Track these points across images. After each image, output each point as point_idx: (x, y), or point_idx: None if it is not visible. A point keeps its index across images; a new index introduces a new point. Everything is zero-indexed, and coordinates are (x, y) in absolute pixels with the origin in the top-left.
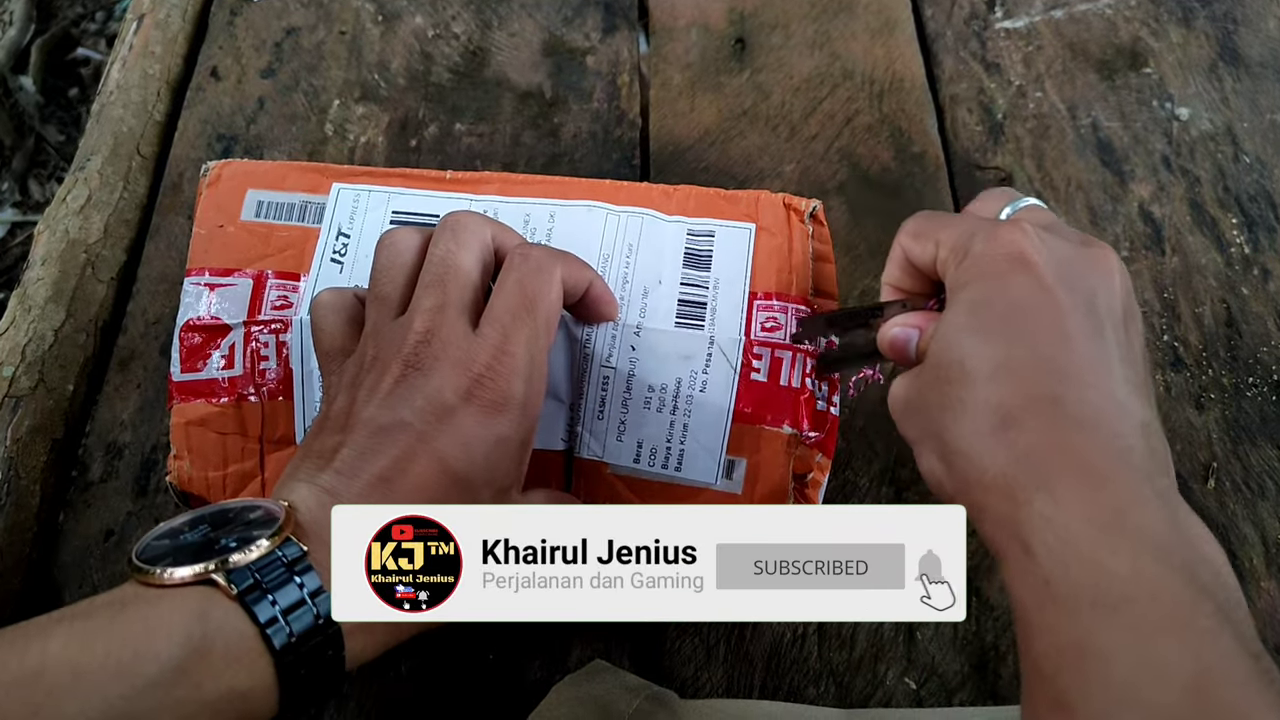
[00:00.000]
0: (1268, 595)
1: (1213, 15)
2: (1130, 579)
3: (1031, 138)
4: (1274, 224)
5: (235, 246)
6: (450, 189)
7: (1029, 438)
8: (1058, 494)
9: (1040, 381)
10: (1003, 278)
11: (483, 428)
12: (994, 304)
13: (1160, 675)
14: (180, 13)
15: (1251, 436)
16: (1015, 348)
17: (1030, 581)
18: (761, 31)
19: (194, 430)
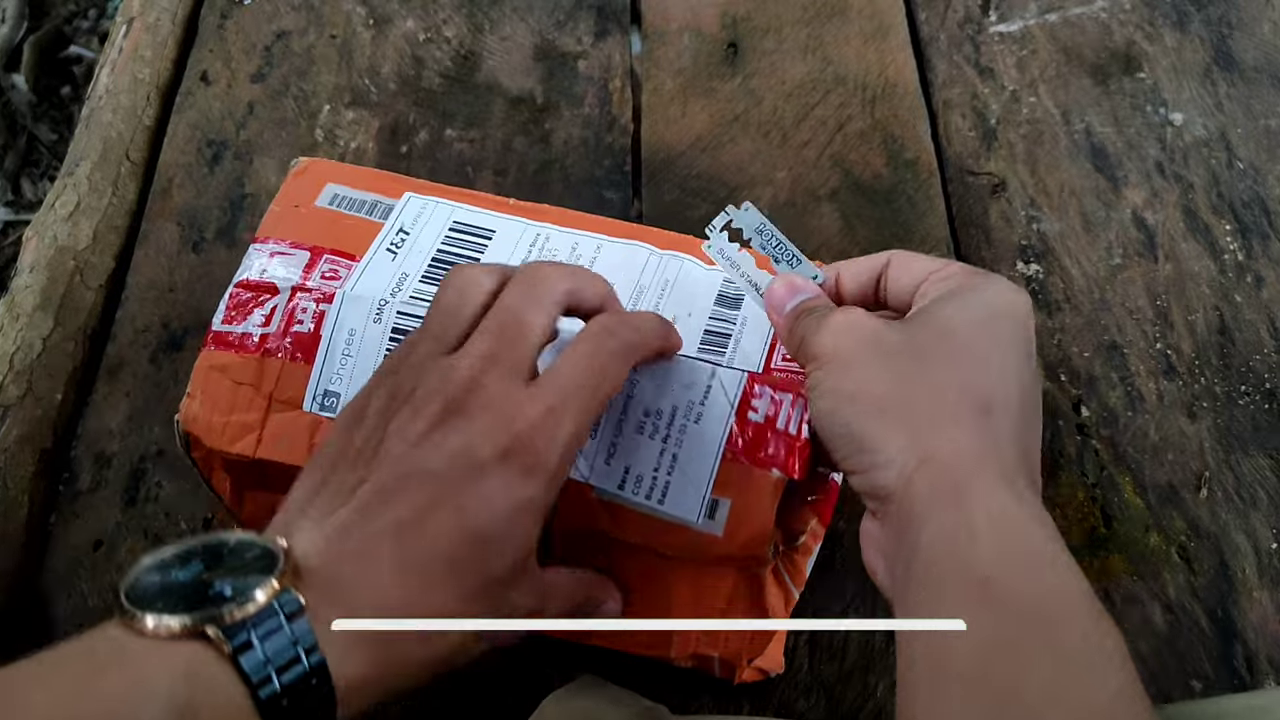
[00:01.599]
0: (1260, 605)
1: (1207, 19)
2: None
3: (1025, 143)
4: (1268, 231)
5: (304, 225)
6: (511, 212)
7: (1000, 429)
8: (1015, 492)
9: (1017, 395)
10: (1010, 302)
11: (511, 490)
12: (1006, 316)
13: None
14: (170, 16)
15: (1244, 445)
16: (1007, 355)
17: (966, 571)
18: (754, 36)
19: (213, 375)
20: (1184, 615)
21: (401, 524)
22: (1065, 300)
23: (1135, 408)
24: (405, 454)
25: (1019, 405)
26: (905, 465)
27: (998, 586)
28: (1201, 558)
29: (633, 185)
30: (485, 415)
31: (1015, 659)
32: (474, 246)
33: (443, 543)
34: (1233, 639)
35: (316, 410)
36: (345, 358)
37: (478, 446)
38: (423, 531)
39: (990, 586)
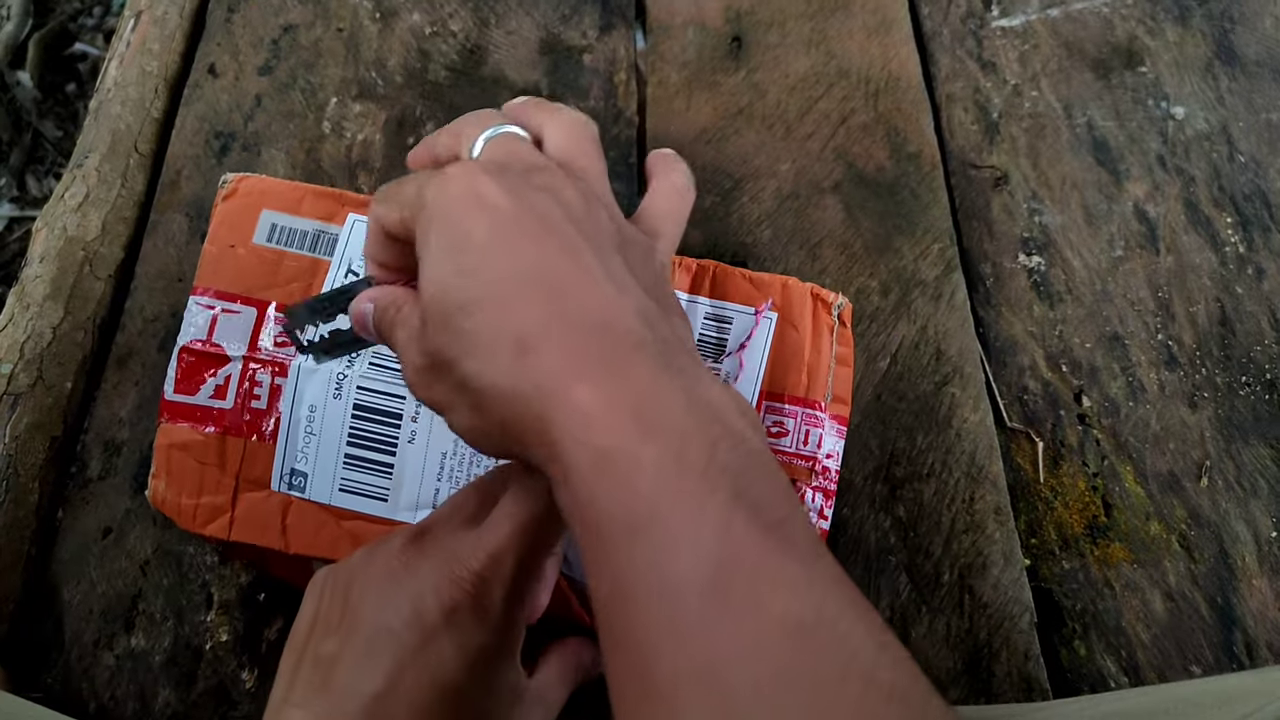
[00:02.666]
0: (1260, 592)
1: (1209, 14)
2: (652, 493)
3: (1027, 137)
4: (1269, 223)
5: (244, 271)
6: None
7: (548, 358)
8: (583, 404)
9: (537, 302)
10: (462, 220)
11: (465, 647)
12: (464, 245)
13: (680, 597)
14: (178, 9)
15: (1244, 435)
16: (500, 278)
17: (579, 515)
18: (758, 30)
19: (175, 454)
20: (1184, 603)
21: (379, 696)
22: (1067, 292)
23: (1137, 398)
24: (370, 613)
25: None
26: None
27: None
28: (1202, 546)
29: (638, 178)
30: (432, 561)
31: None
32: None
33: (418, 704)
34: (1233, 626)
35: (285, 490)
36: (309, 436)
37: (427, 607)
38: (399, 700)
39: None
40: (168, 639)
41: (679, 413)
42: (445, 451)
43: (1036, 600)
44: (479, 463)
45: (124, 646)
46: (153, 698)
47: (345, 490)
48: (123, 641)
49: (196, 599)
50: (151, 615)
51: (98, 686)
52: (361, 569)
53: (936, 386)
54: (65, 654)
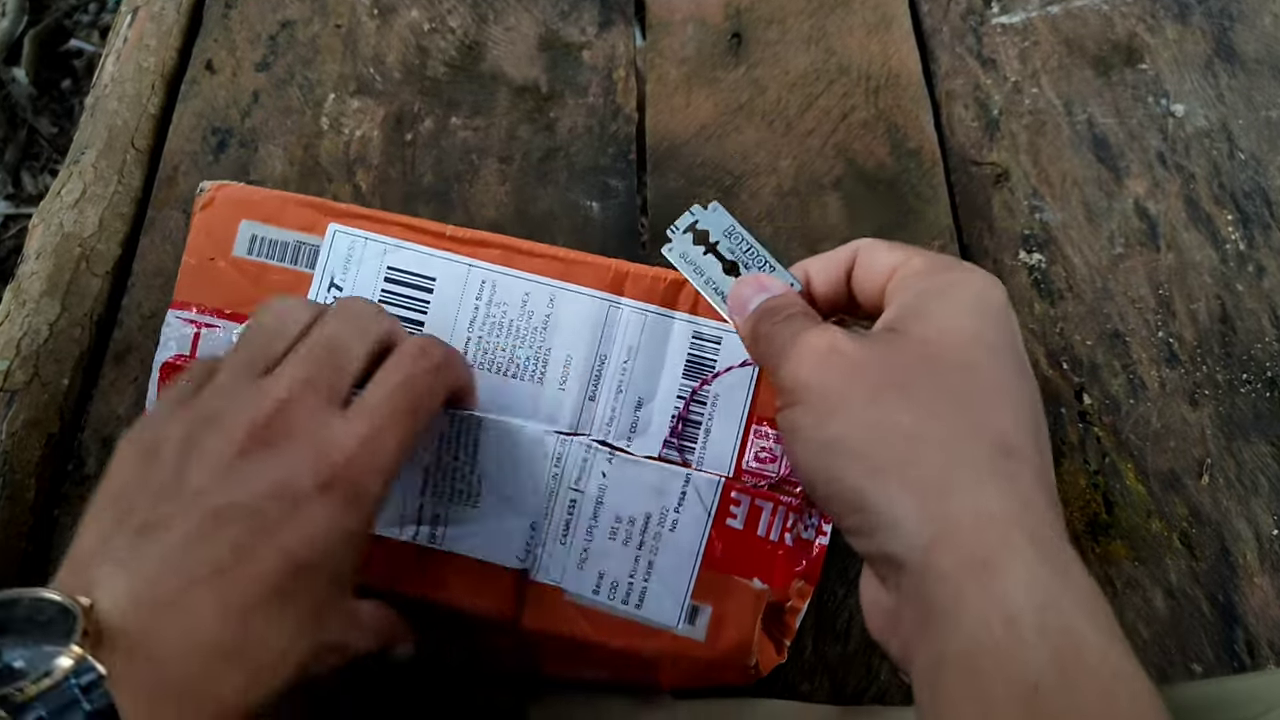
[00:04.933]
0: (1261, 591)
1: (1209, 11)
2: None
3: (1027, 134)
4: (1269, 221)
5: (225, 285)
6: (450, 247)
7: (1025, 473)
8: (1054, 562)
9: (1031, 418)
10: (991, 300)
11: (335, 522)
12: (992, 318)
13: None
14: (175, 5)
15: (1245, 433)
16: (1021, 372)
17: (1011, 675)
18: (758, 26)
19: None
20: (1185, 601)
21: (220, 566)
22: (1068, 289)
23: (1137, 395)
24: (215, 486)
25: (1035, 431)
26: (917, 535)
27: (1050, 699)
28: (1203, 544)
29: (637, 174)
30: (301, 444)
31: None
32: (415, 303)
33: (269, 580)
34: (1234, 624)
35: None
36: None
37: (297, 479)
38: (244, 572)
39: (1041, 697)
40: None
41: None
42: (428, 465)
43: None
44: (461, 476)
45: None
46: None
47: None
48: None
49: None
50: None
51: None
52: (194, 444)
53: None
54: None
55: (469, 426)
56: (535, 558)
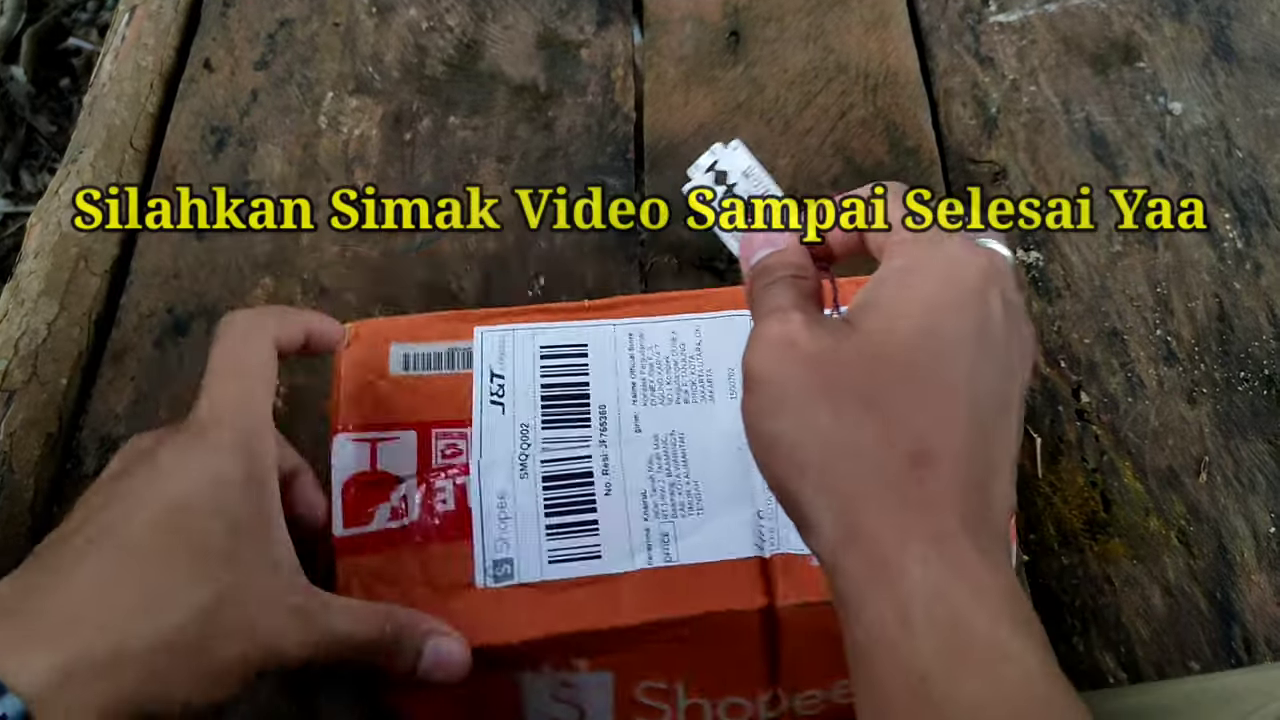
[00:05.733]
0: (1258, 588)
1: (1206, 9)
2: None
3: (1025, 132)
4: (1266, 219)
5: (390, 401)
6: (590, 316)
7: (942, 479)
8: (953, 560)
9: (965, 422)
10: (957, 278)
11: (202, 459)
12: (950, 305)
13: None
14: (173, 3)
15: (1243, 431)
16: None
17: (902, 666)
18: (756, 24)
19: (374, 584)
20: (1183, 598)
21: (89, 520)
22: (1066, 287)
23: (1135, 393)
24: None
25: (967, 435)
26: (830, 536)
27: (936, 686)
28: (1201, 541)
29: (635, 173)
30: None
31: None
32: (575, 370)
33: (142, 522)
34: (1231, 622)
35: (491, 584)
36: (504, 521)
37: (156, 436)
38: (118, 520)
39: (929, 684)
40: None
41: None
42: (644, 491)
43: (1035, 596)
44: (679, 490)
45: None
46: None
47: (555, 561)
48: None
49: None
50: None
51: None
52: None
53: None
54: None
55: (672, 445)
56: (769, 538)
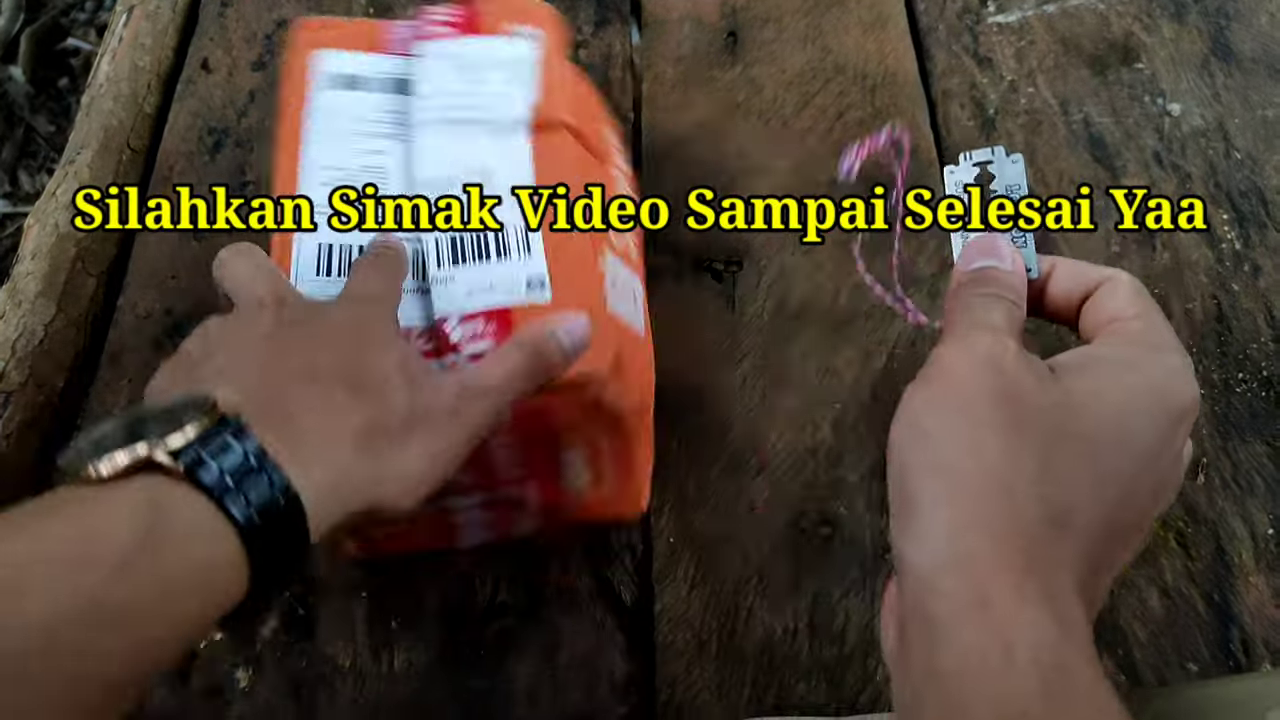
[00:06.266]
0: (1256, 590)
1: (1205, 10)
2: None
3: (1024, 133)
4: (1265, 220)
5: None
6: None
7: (1067, 546)
8: (1062, 618)
9: (1107, 513)
10: (1163, 398)
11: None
12: (1147, 415)
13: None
14: (170, 4)
15: (1241, 432)
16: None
17: (997, 699)
18: (754, 25)
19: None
20: (1181, 600)
21: (320, 352)
22: None
23: None
24: (303, 320)
25: (1106, 526)
26: (941, 553)
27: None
28: (1199, 543)
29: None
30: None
31: None
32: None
33: (375, 365)
34: (1229, 623)
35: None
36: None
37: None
38: (351, 360)
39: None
40: None
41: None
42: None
43: None
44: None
45: None
46: (147, 697)
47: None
48: None
49: None
50: None
51: None
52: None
53: None
54: None
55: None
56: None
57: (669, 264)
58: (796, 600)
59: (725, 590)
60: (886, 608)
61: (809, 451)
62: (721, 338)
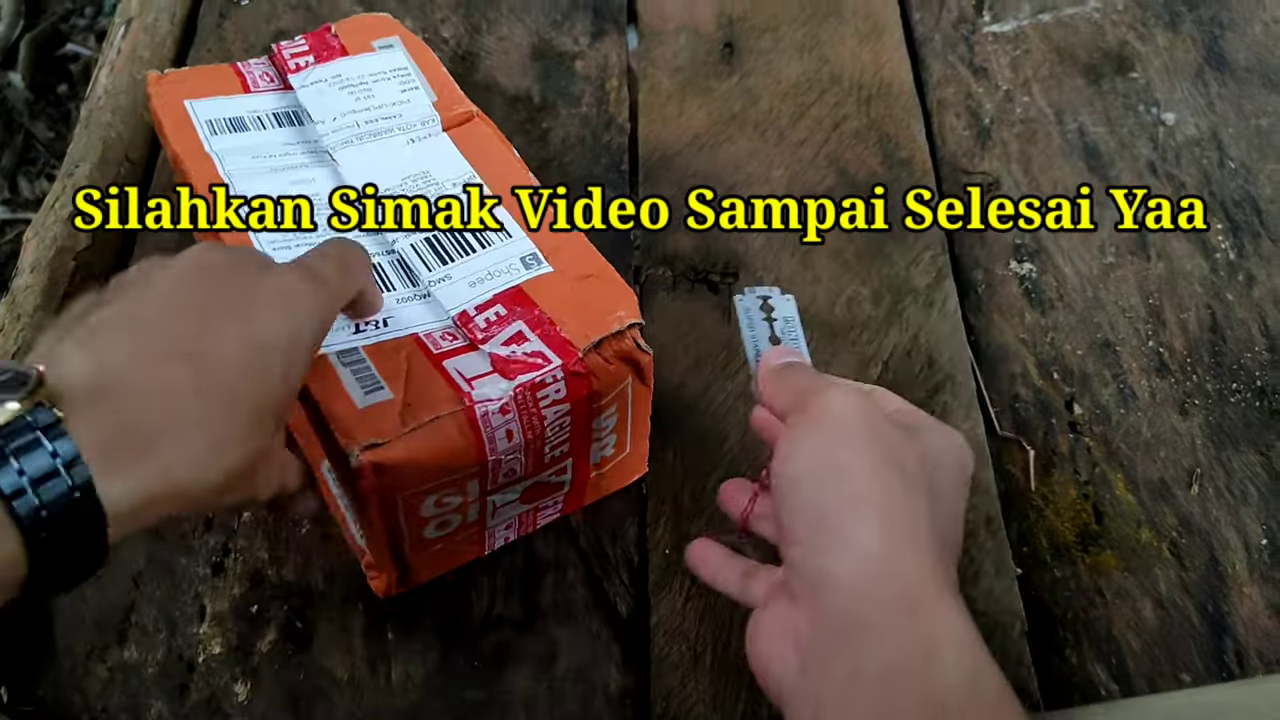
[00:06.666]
0: (1250, 600)
1: (1199, 20)
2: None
3: (1019, 142)
4: (1259, 230)
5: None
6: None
7: (952, 570)
8: (970, 625)
9: (956, 549)
10: (967, 457)
11: (297, 299)
12: (965, 469)
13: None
14: (169, 16)
15: (1235, 442)
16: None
17: (922, 695)
18: (750, 35)
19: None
20: (1175, 610)
21: (185, 346)
22: (1058, 299)
23: (1127, 405)
24: (185, 273)
25: (955, 556)
26: (866, 562)
27: (958, 717)
28: (1192, 553)
29: (630, 184)
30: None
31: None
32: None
33: (230, 350)
34: (1223, 634)
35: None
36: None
37: (252, 284)
38: (206, 340)
39: (948, 716)
40: (160, 651)
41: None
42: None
43: (1027, 608)
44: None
45: (116, 658)
46: (145, 710)
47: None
48: (115, 653)
49: (189, 610)
50: (144, 627)
51: (90, 699)
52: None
53: (928, 394)
54: (57, 666)
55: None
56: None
57: (664, 276)
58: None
59: (720, 602)
60: (771, 633)
61: None
62: (717, 349)
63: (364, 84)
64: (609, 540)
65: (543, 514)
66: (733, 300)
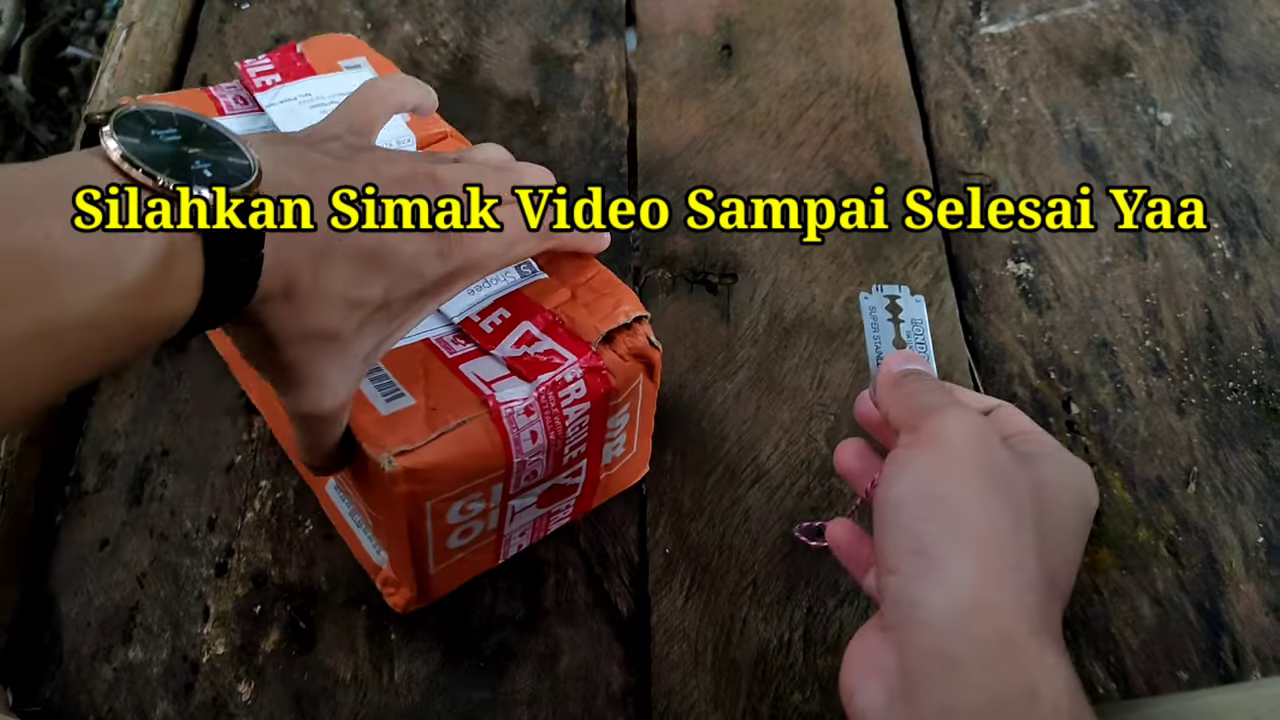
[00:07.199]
0: (1247, 598)
1: (1195, 20)
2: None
3: (1016, 143)
4: (1255, 229)
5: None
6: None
7: (1057, 609)
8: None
9: (1067, 587)
10: (1090, 494)
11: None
12: (1087, 508)
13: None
14: (170, 20)
15: (1231, 441)
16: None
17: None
18: (748, 38)
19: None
20: (1172, 608)
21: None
22: (1055, 298)
23: (1125, 404)
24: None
25: (1067, 595)
26: (961, 597)
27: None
28: (1189, 552)
29: (629, 186)
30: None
31: None
32: None
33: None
34: (1220, 632)
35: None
36: None
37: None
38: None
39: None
40: (165, 651)
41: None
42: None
43: None
44: None
45: (121, 659)
46: (150, 710)
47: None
48: (120, 654)
49: (193, 611)
50: (149, 627)
51: (96, 699)
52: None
53: None
54: (63, 667)
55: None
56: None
57: (663, 277)
58: (791, 610)
59: (721, 601)
60: (863, 669)
61: (804, 462)
62: (716, 350)
63: (335, 103)
64: (609, 540)
65: (554, 519)
66: (858, 299)
